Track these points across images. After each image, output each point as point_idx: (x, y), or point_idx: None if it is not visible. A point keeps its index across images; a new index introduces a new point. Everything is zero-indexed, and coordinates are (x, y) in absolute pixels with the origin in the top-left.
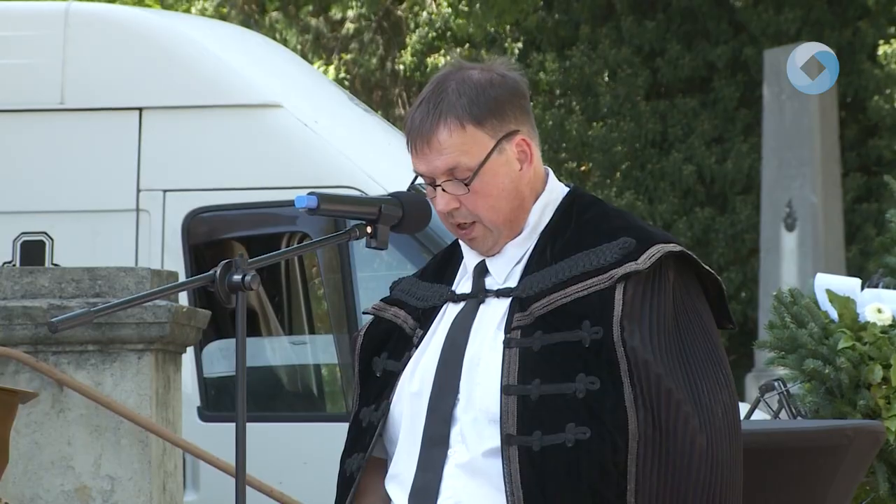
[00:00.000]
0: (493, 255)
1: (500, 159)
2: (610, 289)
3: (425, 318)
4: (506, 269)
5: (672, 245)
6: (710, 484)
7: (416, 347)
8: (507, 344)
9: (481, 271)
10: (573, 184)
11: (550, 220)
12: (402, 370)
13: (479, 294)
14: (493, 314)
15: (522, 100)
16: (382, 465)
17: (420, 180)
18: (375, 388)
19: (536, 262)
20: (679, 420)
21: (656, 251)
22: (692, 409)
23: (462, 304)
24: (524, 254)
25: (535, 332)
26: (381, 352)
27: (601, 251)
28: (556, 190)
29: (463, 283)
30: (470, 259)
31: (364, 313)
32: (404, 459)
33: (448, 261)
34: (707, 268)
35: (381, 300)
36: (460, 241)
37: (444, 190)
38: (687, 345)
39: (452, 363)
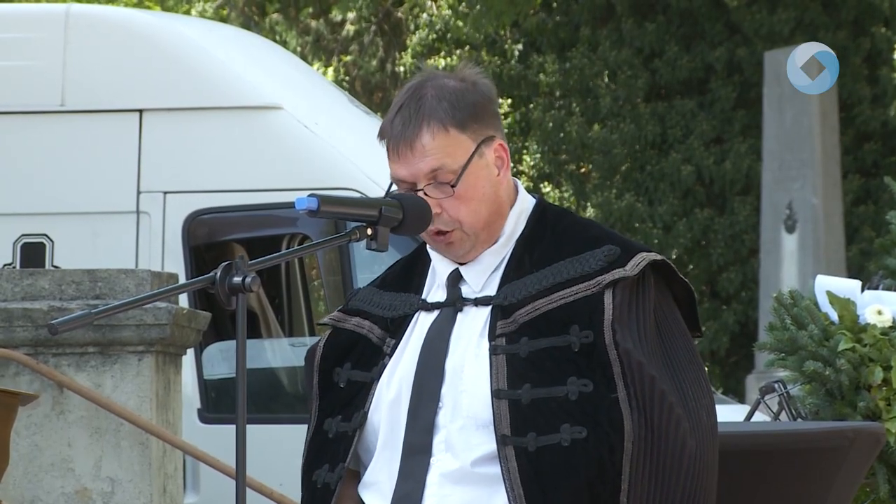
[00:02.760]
0: (467, 263)
1: (480, 163)
2: (598, 294)
3: (395, 328)
4: (482, 277)
5: (653, 254)
6: (696, 486)
7: (390, 357)
8: (494, 351)
9: (455, 279)
10: (537, 195)
11: (524, 228)
12: (377, 379)
13: (456, 303)
14: (473, 322)
15: (495, 107)
16: (355, 476)
17: (395, 188)
18: (339, 398)
19: (514, 270)
20: (672, 422)
21: (641, 259)
22: (683, 411)
23: (436, 313)
24: (500, 262)
25: (520, 338)
26: (343, 362)
27: (585, 259)
28: (526, 199)
29: (435, 292)
30: (442, 267)
31: (319, 324)
32: (382, 468)
33: (411, 269)
34: (682, 276)
35: (339, 310)
36: (430, 250)
37: (426, 194)
38: (669, 350)
39: (432, 371)
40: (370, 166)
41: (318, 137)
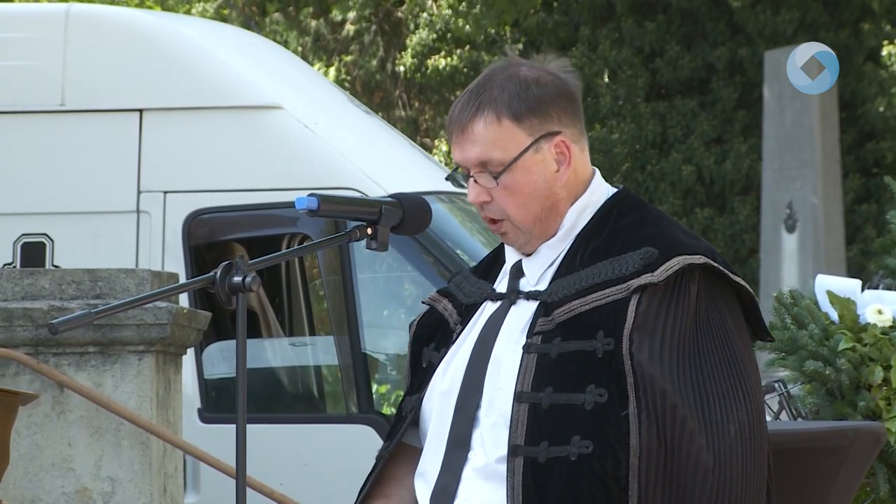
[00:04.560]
0: (529, 256)
1: (535, 158)
2: (625, 299)
3: (467, 314)
4: (539, 270)
5: (696, 257)
6: (718, 502)
7: (454, 343)
8: (527, 349)
9: (517, 272)
10: (623, 186)
11: (587, 223)
12: (437, 365)
13: (511, 295)
14: (520, 317)
15: (570, 101)
16: (415, 454)
17: (460, 171)
18: (420, 378)
19: (567, 266)
20: (684, 437)
21: (676, 263)
22: (699, 426)
23: (498, 304)
24: (558, 256)
25: (554, 338)
26: (430, 342)
27: (624, 260)
28: (598, 192)
29: (503, 282)
30: (509, 258)
31: (423, 303)
32: (431, 458)
33: (497, 258)
34: (737, 279)
35: (437, 291)
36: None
37: (475, 182)
38: (704, 360)
39: (479, 364)
40: (370, 166)
41: (318, 137)
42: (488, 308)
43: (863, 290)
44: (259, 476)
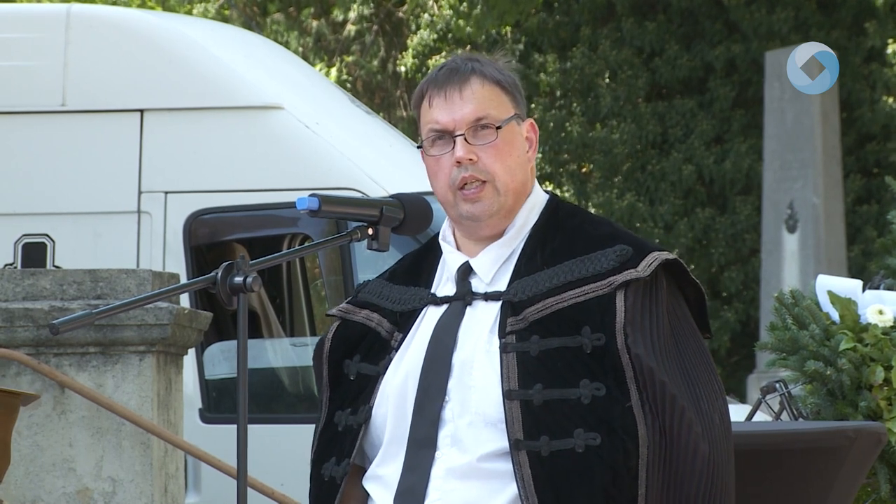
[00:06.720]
0: (476, 256)
1: (517, 129)
2: (609, 295)
3: (404, 322)
4: (492, 269)
5: (666, 253)
6: (711, 489)
7: (397, 350)
8: (504, 349)
9: (465, 273)
10: (549, 192)
11: (536, 222)
12: (384, 373)
13: (466, 296)
14: (482, 317)
15: (524, 100)
16: (359, 471)
17: (427, 137)
18: (350, 391)
19: (526, 266)
20: (683, 426)
21: (654, 259)
22: (695, 415)
23: (445, 307)
24: (510, 255)
25: (530, 336)
26: (352, 354)
27: (596, 258)
28: (540, 194)
29: (444, 286)
30: (453, 261)
31: (328, 315)
32: (388, 461)
33: (420, 263)
34: (692, 277)
35: (347, 302)
36: (442, 242)
37: (465, 140)
38: (684, 352)
39: (439, 365)
40: (371, 166)
41: (318, 137)
42: (432, 312)
43: (864, 290)
44: (260, 476)
